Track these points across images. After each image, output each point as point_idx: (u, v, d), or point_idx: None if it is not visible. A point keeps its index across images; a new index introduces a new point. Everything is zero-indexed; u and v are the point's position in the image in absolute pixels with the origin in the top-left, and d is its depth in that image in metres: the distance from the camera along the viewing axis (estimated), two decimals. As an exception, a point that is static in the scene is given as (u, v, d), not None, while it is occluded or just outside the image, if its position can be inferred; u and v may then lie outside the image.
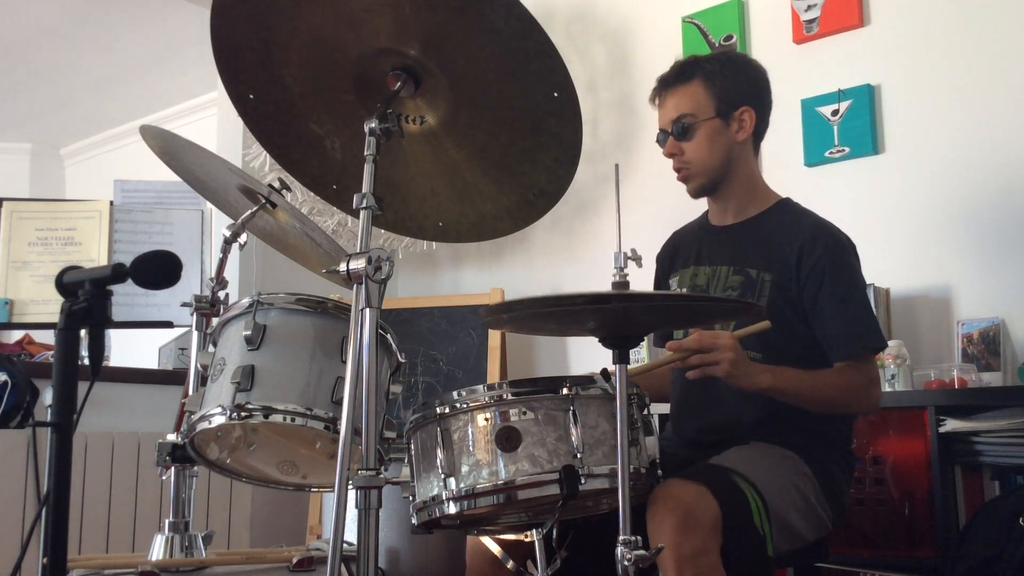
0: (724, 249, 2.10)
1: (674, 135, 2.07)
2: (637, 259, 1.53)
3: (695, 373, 1.80)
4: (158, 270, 1.41)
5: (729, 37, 3.38)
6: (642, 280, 1.77)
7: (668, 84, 2.10)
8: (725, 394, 1.97)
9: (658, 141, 2.13)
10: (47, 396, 1.30)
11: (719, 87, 2.06)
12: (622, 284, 1.50)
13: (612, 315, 1.51)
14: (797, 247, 1.98)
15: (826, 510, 1.92)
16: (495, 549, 1.84)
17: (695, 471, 1.73)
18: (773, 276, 2.00)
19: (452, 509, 1.54)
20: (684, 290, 2.14)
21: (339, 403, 1.63)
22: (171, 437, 1.91)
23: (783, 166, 3.15)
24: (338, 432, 1.55)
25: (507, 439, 1.51)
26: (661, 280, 2.27)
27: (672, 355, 1.82)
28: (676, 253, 2.24)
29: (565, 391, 1.53)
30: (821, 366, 1.94)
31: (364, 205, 1.54)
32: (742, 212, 2.12)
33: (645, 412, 1.64)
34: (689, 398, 2.09)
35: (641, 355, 3.22)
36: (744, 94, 2.07)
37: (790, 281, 1.98)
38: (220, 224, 2.46)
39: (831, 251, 1.97)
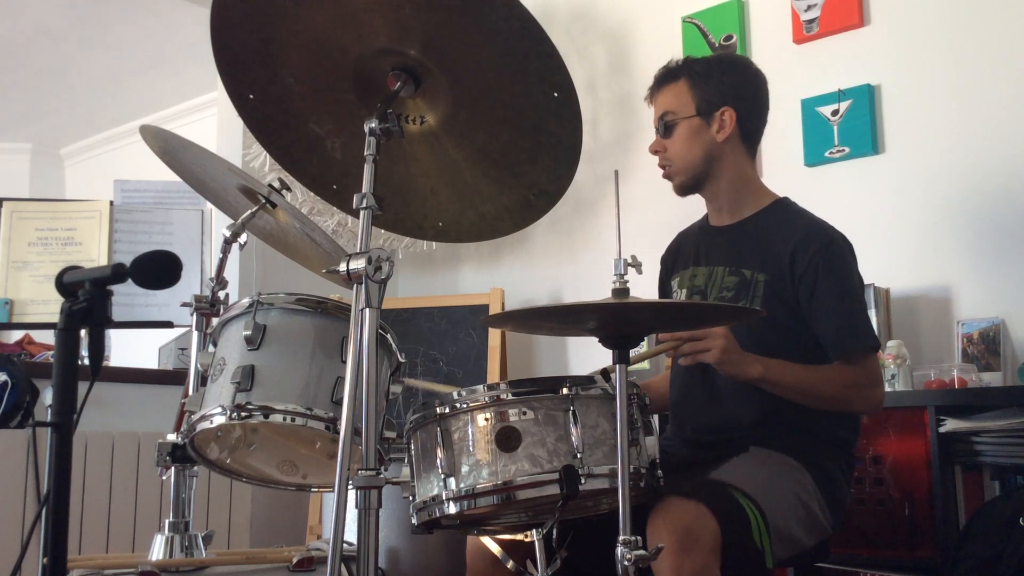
0: (720, 250, 2.11)
1: (659, 133, 2.12)
2: (637, 266, 1.53)
3: (687, 360, 1.83)
4: (158, 270, 1.41)
5: (729, 37, 3.38)
6: (643, 280, 1.77)
7: (658, 83, 2.15)
8: (724, 394, 1.98)
9: None
10: (47, 396, 1.30)
11: (702, 87, 2.09)
12: (622, 291, 1.50)
13: (612, 315, 1.52)
14: (791, 247, 1.98)
15: (827, 515, 1.91)
16: (495, 549, 1.83)
17: (694, 487, 1.72)
18: (767, 277, 2.00)
19: (452, 509, 1.54)
20: (683, 291, 2.15)
21: (339, 403, 1.63)
22: (171, 437, 1.91)
23: (783, 166, 3.16)
24: (338, 432, 1.55)
25: (507, 439, 1.51)
26: (664, 281, 2.28)
27: (664, 345, 1.84)
28: (678, 254, 2.26)
29: (565, 391, 1.52)
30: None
31: (364, 205, 1.54)
32: (737, 213, 2.13)
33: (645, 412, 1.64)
34: (688, 397, 2.08)
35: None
36: (727, 95, 2.08)
37: (784, 281, 1.98)
38: (220, 224, 2.46)
39: (824, 250, 1.97)
